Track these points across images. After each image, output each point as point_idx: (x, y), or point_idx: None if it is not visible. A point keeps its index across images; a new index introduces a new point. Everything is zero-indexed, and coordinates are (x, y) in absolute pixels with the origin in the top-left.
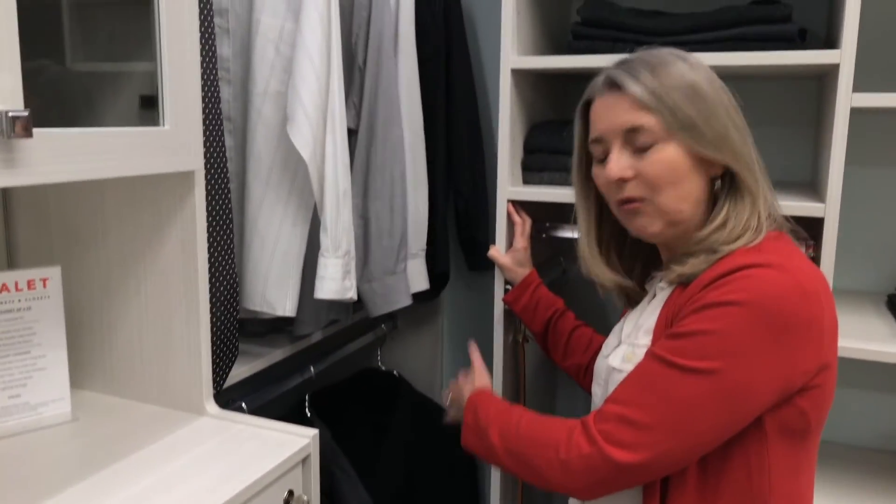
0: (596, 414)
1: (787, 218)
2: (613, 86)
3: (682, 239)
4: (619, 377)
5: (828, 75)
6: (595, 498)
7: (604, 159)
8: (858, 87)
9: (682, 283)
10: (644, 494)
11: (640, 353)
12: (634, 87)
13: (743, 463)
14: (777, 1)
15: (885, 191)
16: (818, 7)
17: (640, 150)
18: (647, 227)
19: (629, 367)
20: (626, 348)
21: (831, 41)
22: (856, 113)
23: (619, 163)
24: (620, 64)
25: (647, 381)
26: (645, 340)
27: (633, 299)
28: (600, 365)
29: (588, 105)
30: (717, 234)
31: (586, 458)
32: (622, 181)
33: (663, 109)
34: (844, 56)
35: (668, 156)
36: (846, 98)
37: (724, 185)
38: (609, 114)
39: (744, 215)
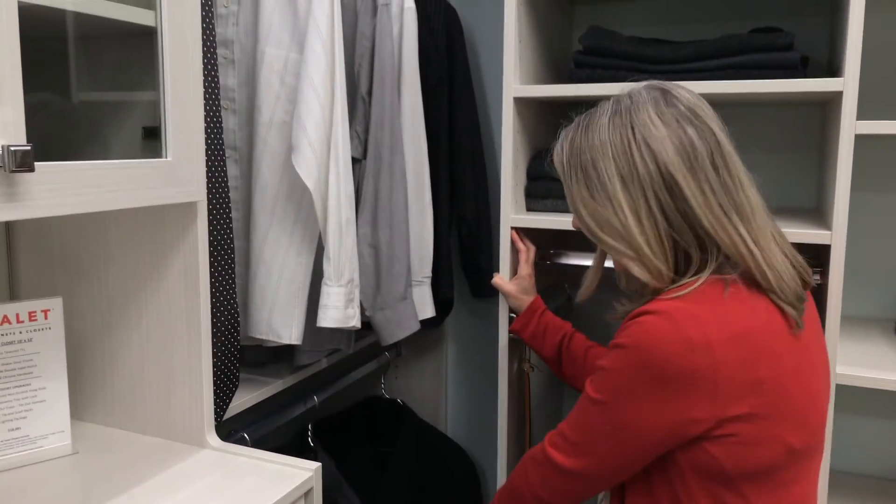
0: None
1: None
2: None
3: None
4: None
5: (831, 102)
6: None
7: None
8: (861, 112)
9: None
10: None
11: None
12: (556, 161)
13: (670, 495)
14: (779, 29)
15: (890, 216)
16: (820, 34)
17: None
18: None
19: None
20: None
21: (834, 68)
22: (860, 139)
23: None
24: (579, 119)
25: (579, 405)
26: None
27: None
28: None
29: None
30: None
31: (537, 460)
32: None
33: (568, 186)
34: (848, 84)
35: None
36: (850, 125)
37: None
38: None
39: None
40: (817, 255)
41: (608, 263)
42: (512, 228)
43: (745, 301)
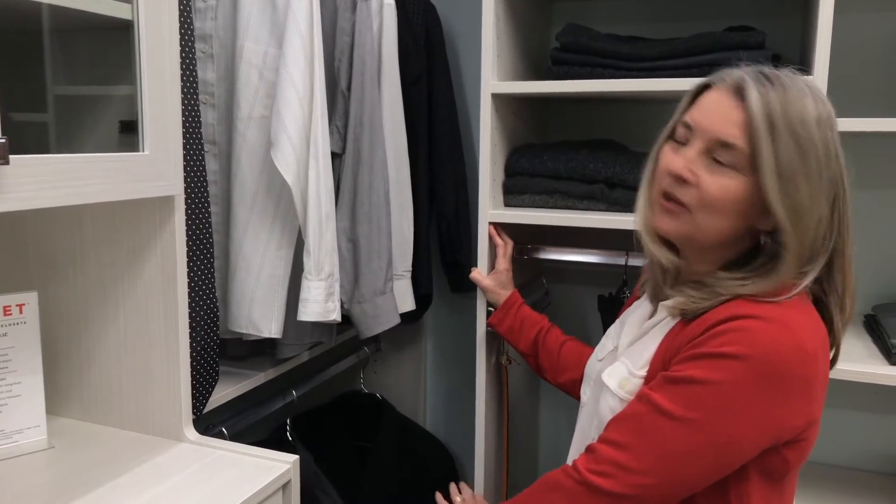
0: (587, 456)
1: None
2: (738, 91)
3: (695, 256)
4: (612, 400)
5: None
6: None
7: (680, 143)
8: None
9: (685, 318)
10: None
11: (635, 384)
12: (756, 107)
13: (722, 499)
14: (752, 28)
15: (862, 212)
16: (792, 33)
17: (718, 167)
18: (670, 230)
19: (623, 395)
20: (622, 369)
21: (805, 67)
22: None
23: (688, 161)
24: (759, 75)
25: (640, 425)
26: (642, 372)
27: (654, 293)
28: (592, 366)
29: (704, 88)
30: (731, 283)
31: (568, 490)
32: (679, 179)
33: (766, 145)
34: (817, 82)
35: (737, 188)
36: None
37: (771, 242)
38: (714, 113)
39: (772, 282)
40: None
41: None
42: (490, 224)
43: (813, 308)
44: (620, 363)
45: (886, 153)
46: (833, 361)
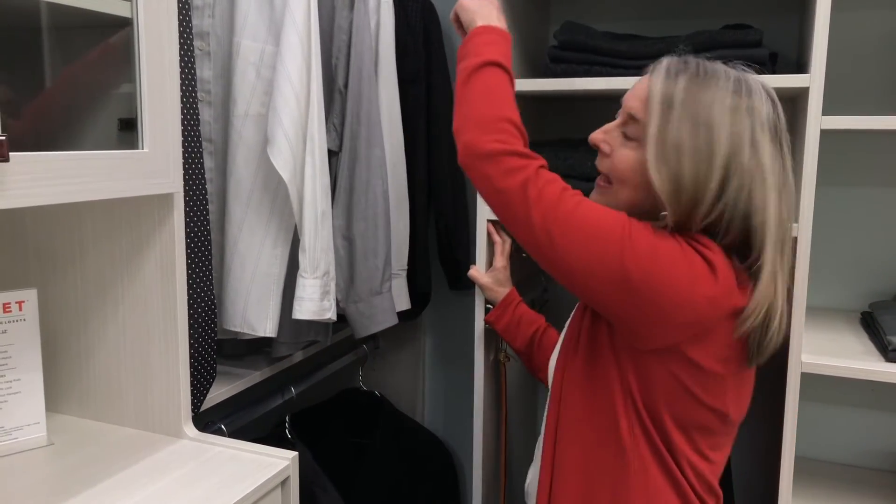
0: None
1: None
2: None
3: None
4: None
5: (799, 98)
6: None
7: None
8: (831, 108)
9: None
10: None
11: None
12: (655, 84)
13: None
14: (748, 26)
15: (858, 210)
16: (790, 31)
17: (625, 139)
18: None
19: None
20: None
21: (802, 65)
22: (828, 134)
23: (606, 133)
24: (680, 61)
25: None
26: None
27: None
28: (552, 362)
29: None
30: None
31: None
32: (598, 149)
33: (656, 116)
34: (814, 80)
35: (636, 158)
36: (816, 121)
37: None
38: (633, 91)
39: None
40: None
41: None
42: (488, 221)
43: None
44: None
45: (881, 151)
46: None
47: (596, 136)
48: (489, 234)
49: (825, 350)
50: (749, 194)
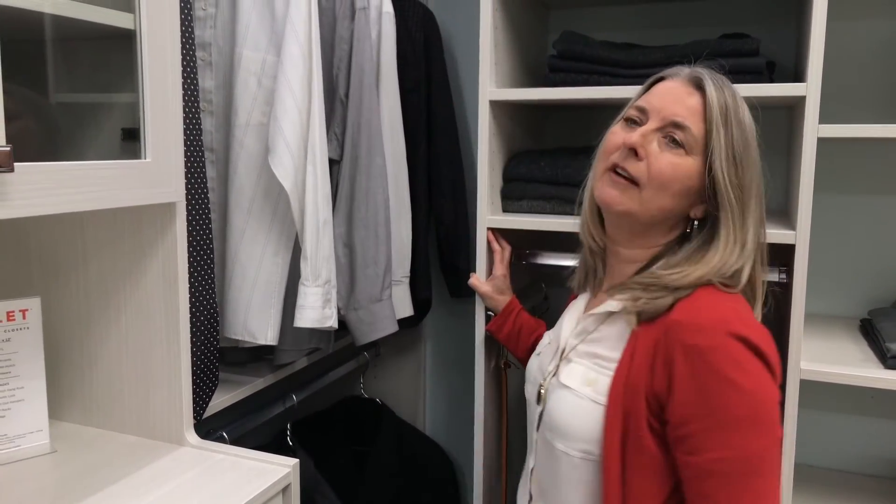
0: None
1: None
2: (694, 82)
3: (626, 240)
4: (575, 399)
5: (797, 106)
6: None
7: (632, 124)
8: (829, 116)
9: (645, 319)
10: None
11: (604, 383)
12: (713, 97)
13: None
14: (746, 35)
15: (856, 217)
16: (787, 40)
17: (669, 145)
18: (618, 203)
19: (591, 393)
20: (580, 369)
21: (799, 74)
22: (825, 142)
23: (642, 136)
24: (713, 73)
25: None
26: (609, 371)
27: (587, 281)
28: (531, 364)
29: (657, 81)
30: (674, 276)
31: None
32: (633, 152)
33: (721, 131)
34: (810, 89)
35: (687, 166)
36: (813, 129)
37: (700, 229)
38: (670, 98)
39: (704, 268)
40: (783, 255)
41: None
42: (488, 229)
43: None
44: (577, 364)
45: (881, 159)
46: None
47: (636, 139)
48: (489, 242)
49: (824, 357)
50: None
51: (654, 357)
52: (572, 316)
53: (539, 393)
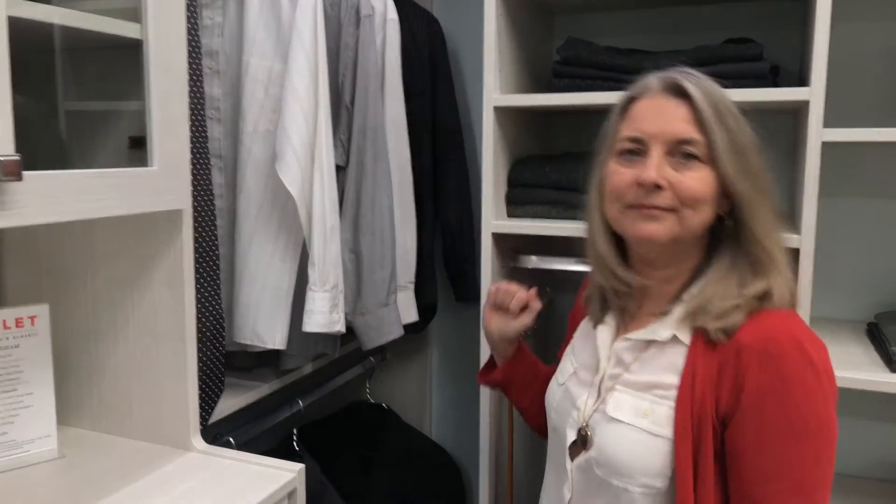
0: None
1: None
2: (673, 90)
3: (666, 261)
4: (631, 433)
5: (801, 110)
6: None
7: (631, 156)
8: (833, 120)
9: (708, 340)
10: None
11: (663, 413)
12: (699, 98)
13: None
14: (750, 40)
15: (863, 221)
16: (791, 45)
17: (682, 162)
18: (662, 234)
19: (648, 425)
20: (629, 399)
21: (803, 78)
22: (830, 146)
23: (657, 168)
24: (682, 72)
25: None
26: (668, 400)
27: (604, 311)
28: (553, 392)
29: (631, 101)
30: (735, 290)
31: None
32: (654, 187)
33: (719, 130)
34: (814, 93)
35: (709, 176)
36: (817, 133)
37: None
38: (660, 118)
39: (765, 281)
40: (789, 259)
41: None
42: (493, 234)
43: None
44: (623, 394)
45: (885, 163)
46: None
47: (653, 176)
48: (529, 299)
49: (832, 361)
50: None
51: (720, 381)
52: (604, 342)
53: (580, 430)
